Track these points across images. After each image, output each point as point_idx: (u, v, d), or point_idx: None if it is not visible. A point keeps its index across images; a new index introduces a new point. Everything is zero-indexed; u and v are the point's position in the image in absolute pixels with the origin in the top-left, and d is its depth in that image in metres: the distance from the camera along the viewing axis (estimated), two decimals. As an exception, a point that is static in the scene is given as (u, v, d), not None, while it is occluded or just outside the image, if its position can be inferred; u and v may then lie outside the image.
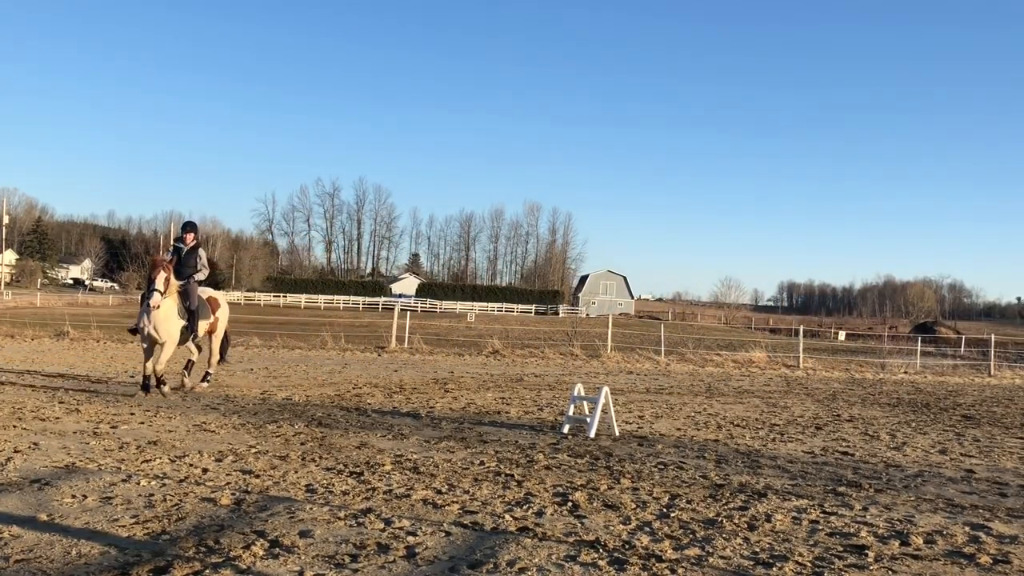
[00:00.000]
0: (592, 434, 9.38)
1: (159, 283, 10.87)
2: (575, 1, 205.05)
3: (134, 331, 11.72)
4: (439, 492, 6.32)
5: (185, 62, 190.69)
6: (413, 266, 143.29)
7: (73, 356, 18.46)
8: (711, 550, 5.02)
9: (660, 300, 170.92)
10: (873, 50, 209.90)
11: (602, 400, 9.64)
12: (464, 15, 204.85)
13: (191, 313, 11.57)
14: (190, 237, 11.87)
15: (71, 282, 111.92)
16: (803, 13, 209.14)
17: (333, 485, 6.41)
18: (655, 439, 9.45)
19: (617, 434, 9.55)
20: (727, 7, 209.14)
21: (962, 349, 37.72)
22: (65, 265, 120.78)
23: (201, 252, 11.91)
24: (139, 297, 11.79)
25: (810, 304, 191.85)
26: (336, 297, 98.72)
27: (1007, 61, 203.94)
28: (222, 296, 13.28)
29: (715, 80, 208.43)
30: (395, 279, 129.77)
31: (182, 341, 11.78)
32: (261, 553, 4.65)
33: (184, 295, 11.49)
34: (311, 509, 5.65)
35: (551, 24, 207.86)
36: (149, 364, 11.27)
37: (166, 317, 11.13)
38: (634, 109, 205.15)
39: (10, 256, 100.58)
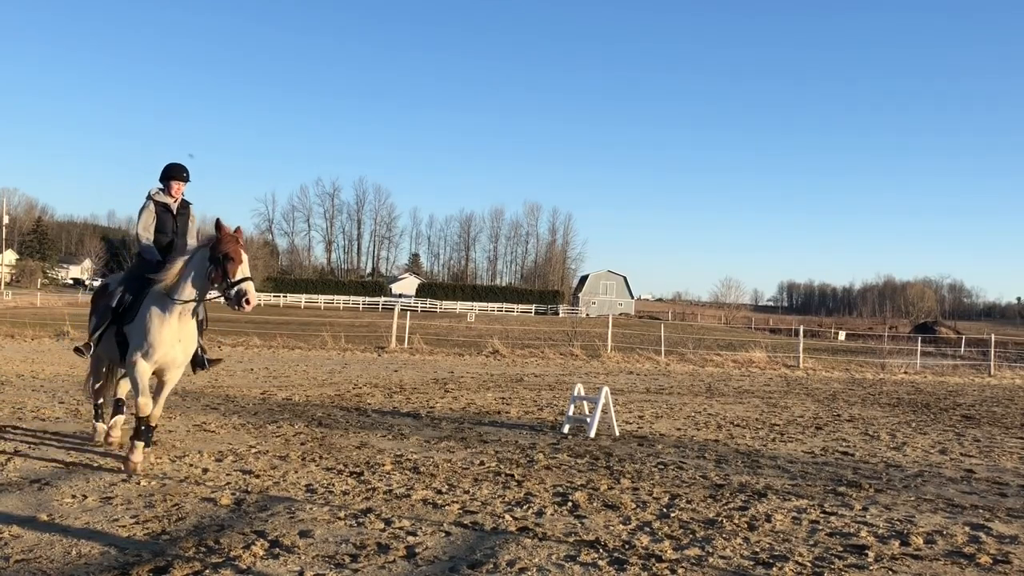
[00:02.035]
0: (592, 434, 9.38)
1: (246, 269, 6.54)
2: (573, 0, 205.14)
3: (81, 351, 7.12)
4: (439, 492, 6.32)
5: (185, 62, 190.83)
6: (413, 266, 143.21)
7: (73, 356, 18.45)
8: (711, 550, 5.02)
9: (660, 300, 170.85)
10: (872, 50, 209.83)
11: (602, 400, 9.64)
12: (464, 16, 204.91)
13: (199, 322, 7.20)
14: (181, 188, 7.31)
15: (71, 282, 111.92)
16: (803, 9, 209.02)
17: (333, 485, 6.42)
18: (655, 439, 9.45)
19: (617, 434, 9.55)
20: (724, 3, 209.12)
21: (962, 349, 37.67)
22: (65, 265, 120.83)
23: (193, 213, 7.55)
24: (109, 293, 7.21)
25: (810, 304, 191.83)
26: (336, 297, 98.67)
27: (1007, 61, 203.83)
28: None
29: (715, 80, 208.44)
30: (395, 279, 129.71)
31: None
32: (261, 553, 4.65)
33: None
34: (311, 509, 5.65)
35: (551, 24, 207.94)
36: (146, 404, 6.73)
37: (193, 329, 6.95)
38: (634, 109, 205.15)
39: (10, 256, 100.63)
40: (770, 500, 6.45)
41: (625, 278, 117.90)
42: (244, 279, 6.46)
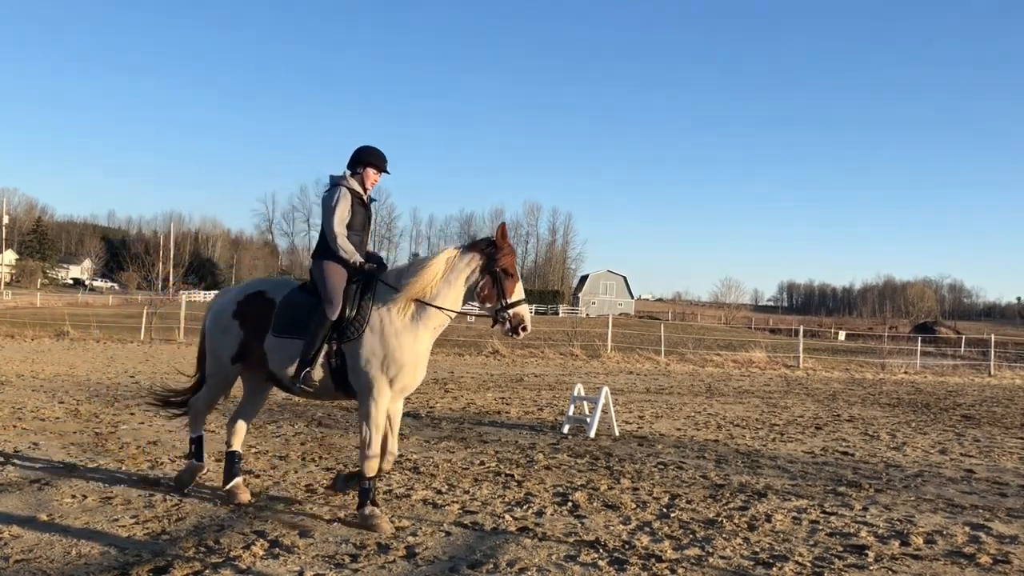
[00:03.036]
0: (592, 434, 9.38)
1: (521, 289, 5.64)
2: (574, 4, 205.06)
3: (305, 383, 5.46)
4: (439, 492, 6.33)
5: (185, 63, 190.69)
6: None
7: (73, 356, 18.47)
8: (711, 550, 5.02)
9: (660, 300, 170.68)
10: (872, 49, 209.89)
11: (602, 400, 9.64)
12: (463, 16, 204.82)
13: None
14: (377, 179, 5.91)
15: (71, 282, 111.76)
16: (800, 12, 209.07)
17: (333, 485, 6.41)
18: (655, 439, 9.45)
19: (617, 434, 9.55)
20: (722, 8, 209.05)
21: (962, 349, 37.67)
22: (65, 265, 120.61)
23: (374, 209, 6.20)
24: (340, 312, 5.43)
25: (810, 304, 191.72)
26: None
27: (1007, 59, 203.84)
28: None
29: (714, 79, 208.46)
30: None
31: None
32: (261, 553, 4.65)
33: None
34: (311, 509, 5.65)
35: (550, 23, 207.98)
36: (386, 457, 5.63)
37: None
38: (633, 109, 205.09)
39: (10, 256, 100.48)
40: (770, 500, 6.45)
41: (625, 278, 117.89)
42: (520, 301, 5.51)
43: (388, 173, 5.96)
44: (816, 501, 6.47)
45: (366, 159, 5.81)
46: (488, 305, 5.53)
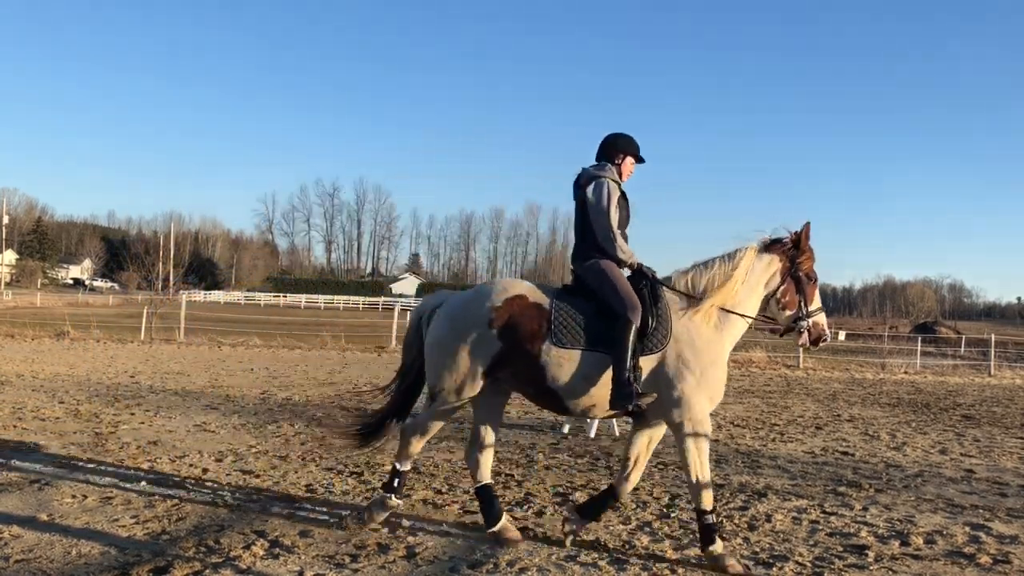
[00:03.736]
0: (592, 434, 9.38)
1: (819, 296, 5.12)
2: (571, 4, 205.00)
3: (636, 402, 4.61)
4: (439, 492, 6.34)
5: (185, 63, 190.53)
6: (413, 266, 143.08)
7: (73, 356, 18.48)
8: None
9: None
10: (871, 48, 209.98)
11: (602, 400, 9.63)
12: (464, 14, 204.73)
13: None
14: (632, 170, 5.28)
15: (71, 282, 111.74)
16: (796, 9, 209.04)
17: (333, 485, 6.42)
18: (655, 439, 9.44)
19: (617, 434, 9.55)
20: (722, 3, 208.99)
21: (962, 349, 37.61)
22: (65, 265, 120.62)
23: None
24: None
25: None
26: (336, 297, 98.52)
27: (1008, 59, 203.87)
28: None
29: (713, 79, 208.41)
30: (395, 279, 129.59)
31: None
32: (261, 553, 4.65)
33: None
34: (311, 509, 5.66)
35: (550, 21, 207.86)
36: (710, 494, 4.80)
37: None
38: (631, 109, 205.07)
39: (10, 256, 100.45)
40: (770, 500, 6.45)
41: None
42: (820, 308, 5.02)
43: (644, 161, 5.30)
44: (816, 501, 6.47)
45: (624, 147, 5.17)
46: (788, 313, 5.03)
